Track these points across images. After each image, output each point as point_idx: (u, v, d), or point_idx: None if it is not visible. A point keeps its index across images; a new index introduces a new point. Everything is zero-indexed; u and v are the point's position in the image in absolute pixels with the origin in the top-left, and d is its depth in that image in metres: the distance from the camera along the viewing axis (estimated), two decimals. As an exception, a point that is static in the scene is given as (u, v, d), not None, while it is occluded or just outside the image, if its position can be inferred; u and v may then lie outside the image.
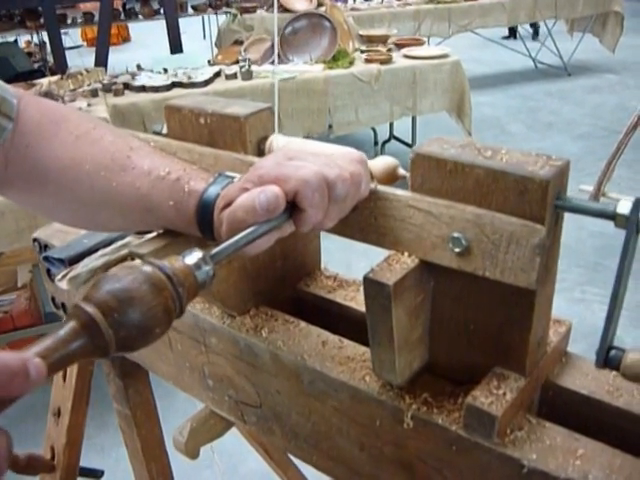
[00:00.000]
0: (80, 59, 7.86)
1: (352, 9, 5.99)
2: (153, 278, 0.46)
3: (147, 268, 0.47)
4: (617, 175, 4.08)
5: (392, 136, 4.72)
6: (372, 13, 6.01)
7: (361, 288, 0.81)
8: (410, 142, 4.47)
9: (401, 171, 0.63)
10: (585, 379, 0.65)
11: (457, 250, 0.55)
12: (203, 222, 0.62)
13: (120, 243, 0.93)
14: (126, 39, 11.61)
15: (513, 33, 8.77)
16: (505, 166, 0.53)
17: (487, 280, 0.55)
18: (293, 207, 0.55)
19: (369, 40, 4.27)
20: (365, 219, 0.60)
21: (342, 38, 3.87)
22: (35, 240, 1.09)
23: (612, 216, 0.51)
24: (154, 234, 0.80)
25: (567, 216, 0.55)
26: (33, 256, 2.83)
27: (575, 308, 2.96)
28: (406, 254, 0.58)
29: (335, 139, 4.15)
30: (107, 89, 3.62)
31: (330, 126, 3.78)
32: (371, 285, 0.56)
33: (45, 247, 1.06)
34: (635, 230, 0.50)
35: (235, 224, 0.55)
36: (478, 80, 7.12)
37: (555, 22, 7.13)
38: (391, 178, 0.63)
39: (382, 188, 0.59)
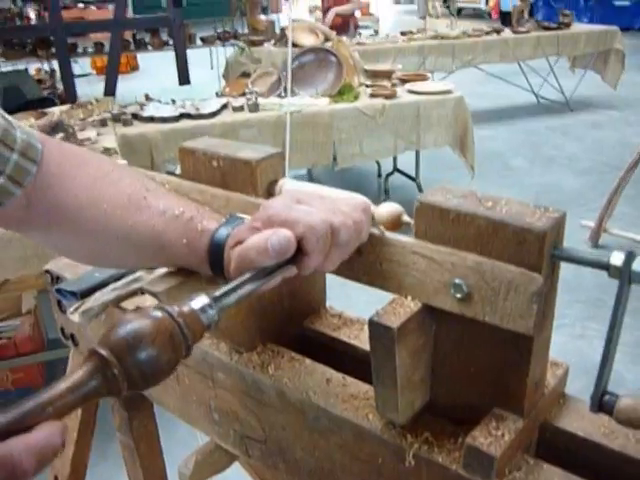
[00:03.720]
0: (89, 87, 7.98)
1: (358, 44, 6.09)
2: (163, 323, 0.49)
3: (157, 313, 0.50)
4: (619, 211, 4.12)
5: (396, 169, 4.77)
6: (378, 48, 6.12)
7: (365, 327, 0.84)
8: (414, 175, 4.51)
9: (406, 218, 0.66)
10: (582, 421, 0.67)
11: (458, 296, 0.58)
12: (214, 260, 0.65)
13: (131, 278, 0.96)
14: (135, 68, 11.77)
15: None
16: (505, 217, 0.56)
17: (487, 324, 0.58)
18: (297, 250, 0.57)
19: (374, 75, 4.34)
20: (371, 264, 0.63)
21: (348, 73, 3.94)
22: (47, 272, 1.11)
23: (606, 267, 0.53)
24: (164, 270, 0.83)
25: None
26: (38, 283, 2.86)
27: (576, 344, 2.97)
28: (409, 298, 0.61)
29: (339, 171, 4.20)
30: (116, 119, 3.68)
31: (335, 158, 3.83)
32: (376, 328, 0.59)
33: (57, 279, 1.09)
34: (627, 281, 0.52)
35: (245, 263, 0.58)
36: (481, 114, 7.20)
37: (558, 59, 7.24)
38: (396, 224, 0.65)
39: (388, 235, 0.62)
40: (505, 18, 10.12)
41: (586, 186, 5.01)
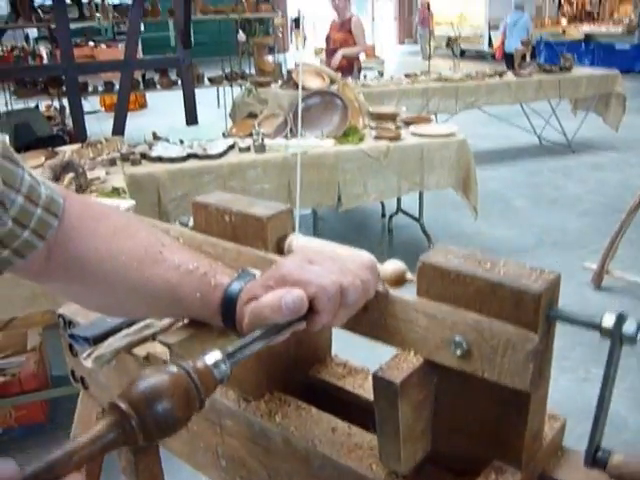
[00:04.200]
0: (98, 124, 8.09)
1: (363, 85, 6.22)
2: (179, 379, 0.53)
3: (173, 369, 0.53)
4: (622, 253, 4.15)
5: (399, 209, 4.82)
6: (382, 90, 6.24)
7: (369, 376, 0.86)
8: (417, 216, 4.56)
9: (409, 275, 0.69)
10: (578, 473, 0.69)
11: (458, 352, 0.61)
12: (226, 314, 0.68)
13: (142, 324, 0.99)
14: (143, 105, 11.96)
15: None
16: (503, 278, 0.59)
17: (486, 380, 0.61)
18: (308, 308, 0.61)
19: (379, 117, 4.42)
20: (376, 320, 0.66)
21: (353, 115, 4.02)
22: (60, 316, 1.15)
23: (598, 328, 0.56)
24: (172, 319, 0.86)
25: (572, 294, 0.60)
26: (43, 320, 2.88)
27: (579, 388, 2.97)
28: (412, 353, 0.64)
29: (344, 211, 4.25)
30: (125, 158, 3.75)
31: (339, 199, 3.88)
32: (380, 382, 0.62)
33: (69, 323, 1.12)
34: (619, 341, 0.55)
35: (259, 320, 0.61)
36: (484, 155, 7.29)
37: (559, 101, 7.36)
38: (399, 281, 0.69)
39: (392, 293, 0.66)
40: (509, 60, 10.33)
41: (588, 227, 5.05)
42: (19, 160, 0.71)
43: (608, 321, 0.55)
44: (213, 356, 0.55)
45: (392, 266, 0.69)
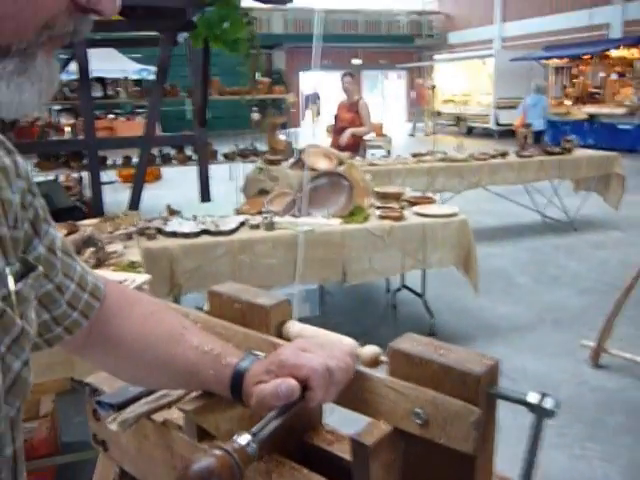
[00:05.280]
0: (114, 194, 8.42)
1: (370, 164, 6.48)
2: (224, 459, 0.67)
3: (218, 452, 0.67)
4: (620, 331, 4.25)
5: (403, 285, 4.98)
6: (389, 169, 6.50)
7: (354, 443, 1.00)
8: (420, 292, 4.71)
9: (383, 358, 0.85)
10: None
11: (419, 422, 0.76)
12: (234, 388, 0.84)
13: (159, 394, 1.14)
14: (157, 177, 12.36)
15: None
16: (452, 363, 0.75)
17: (442, 445, 0.75)
18: (304, 387, 0.77)
19: (384, 197, 4.64)
20: (355, 394, 0.82)
21: (359, 195, 4.24)
22: (87, 384, 1.30)
23: (526, 404, 0.71)
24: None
25: (570, 371, 0.74)
26: (57, 387, 3.01)
27: (575, 464, 3.04)
28: (382, 421, 0.79)
29: (350, 286, 4.40)
30: (141, 232, 3.96)
31: (345, 274, 4.05)
32: (356, 444, 0.77)
33: (95, 391, 1.27)
34: (542, 416, 0.70)
35: (263, 404, 0.78)
36: (488, 232, 7.50)
37: (561, 181, 7.61)
38: (375, 362, 0.85)
39: (368, 371, 0.81)
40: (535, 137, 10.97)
41: (589, 305, 5.16)
42: (74, 254, 0.88)
43: (533, 398, 0.71)
44: (245, 438, 0.70)
45: (369, 351, 0.85)
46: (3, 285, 0.66)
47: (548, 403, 0.70)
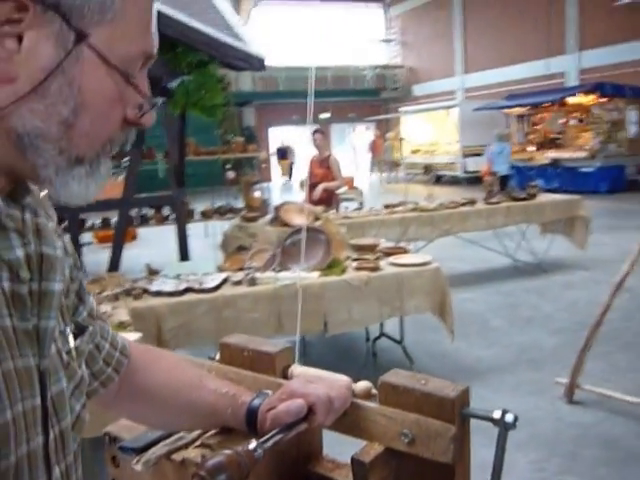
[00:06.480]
0: (92, 255, 8.51)
1: (344, 217, 6.71)
2: (233, 457, 0.83)
3: (229, 452, 0.84)
4: (593, 367, 4.44)
5: (382, 333, 5.13)
6: (362, 221, 6.73)
7: (350, 472, 1.16)
8: (399, 339, 4.87)
9: (373, 391, 1.02)
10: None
11: (406, 441, 0.92)
12: (249, 422, 1.00)
13: (176, 437, 1.28)
14: (133, 237, 12.46)
15: None
16: (432, 390, 0.92)
17: (427, 459, 0.92)
18: (309, 412, 0.93)
19: (359, 249, 4.84)
20: (351, 421, 0.98)
21: (335, 248, 4.43)
22: (106, 434, 1.43)
23: (491, 419, 0.89)
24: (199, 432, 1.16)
25: (545, 408, 0.89)
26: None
27: (555, 497, 3.17)
28: (376, 443, 0.95)
29: (331, 337, 4.55)
30: (128, 293, 4.09)
31: (325, 325, 4.20)
32: (355, 462, 0.93)
33: (115, 439, 1.41)
34: (505, 428, 0.87)
35: (277, 420, 0.93)
36: (461, 277, 7.73)
37: (528, 225, 7.92)
38: (367, 395, 1.01)
39: (362, 403, 0.98)
40: (503, 181, 11.56)
41: (561, 344, 5.35)
42: (104, 317, 1.04)
43: (496, 415, 0.88)
44: (252, 444, 0.86)
45: (362, 385, 1.02)
46: (67, 342, 0.82)
47: (509, 417, 0.87)
